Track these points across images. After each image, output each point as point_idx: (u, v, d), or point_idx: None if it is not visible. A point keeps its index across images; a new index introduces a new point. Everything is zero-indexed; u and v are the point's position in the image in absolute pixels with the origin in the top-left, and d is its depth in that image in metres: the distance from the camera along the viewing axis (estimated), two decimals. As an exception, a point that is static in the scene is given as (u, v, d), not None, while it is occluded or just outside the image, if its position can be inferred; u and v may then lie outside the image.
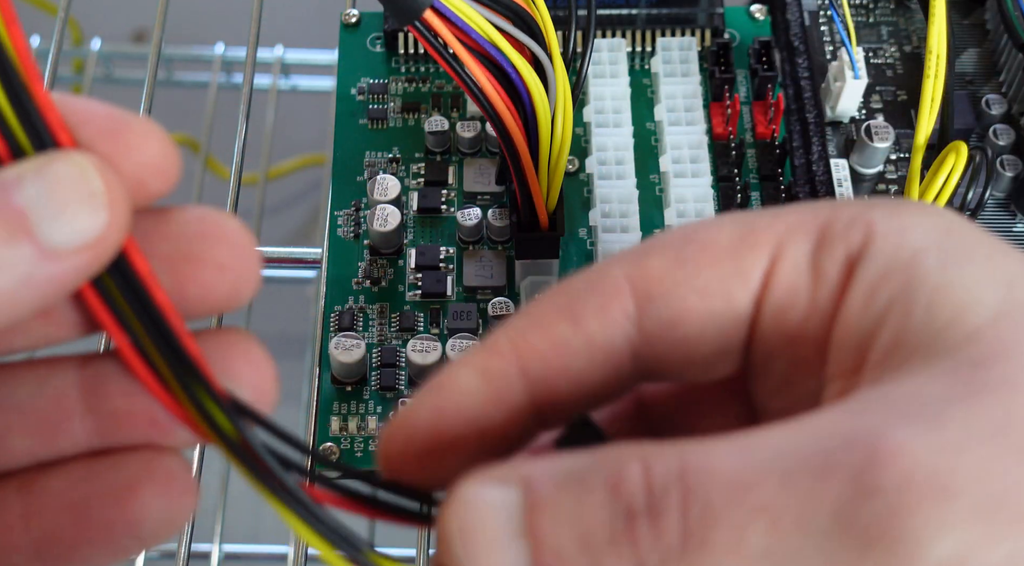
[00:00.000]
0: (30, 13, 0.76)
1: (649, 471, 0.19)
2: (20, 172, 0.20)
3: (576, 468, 0.20)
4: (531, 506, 0.20)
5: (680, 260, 0.22)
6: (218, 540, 0.59)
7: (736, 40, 0.43)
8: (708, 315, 0.22)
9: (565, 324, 0.22)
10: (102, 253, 0.20)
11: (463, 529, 0.20)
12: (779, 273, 0.22)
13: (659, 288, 0.22)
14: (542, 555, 0.19)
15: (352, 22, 0.44)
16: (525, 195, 0.36)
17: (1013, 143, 0.40)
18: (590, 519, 0.19)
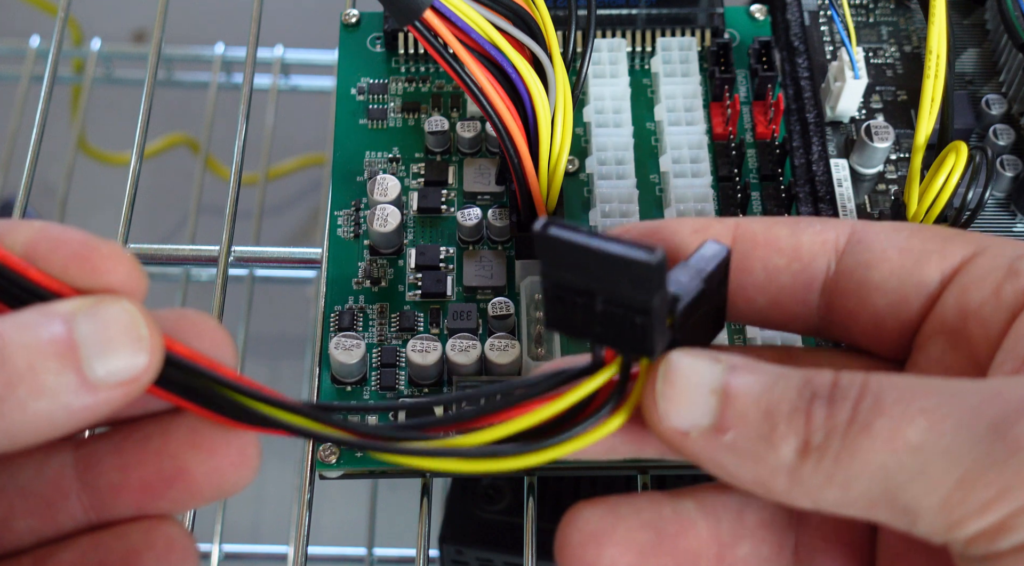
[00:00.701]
0: (30, 13, 0.76)
1: (838, 374, 0.22)
2: (74, 308, 0.22)
3: (778, 368, 0.23)
4: (733, 371, 0.23)
5: (898, 227, 0.26)
6: (218, 540, 0.59)
7: (736, 40, 0.43)
8: (898, 269, 0.25)
9: (786, 228, 0.26)
10: (137, 389, 0.23)
11: (669, 372, 0.23)
12: (978, 261, 0.25)
13: (873, 236, 0.26)
14: (727, 413, 0.23)
15: (352, 22, 0.44)
16: (525, 195, 0.36)
17: (1013, 143, 0.40)
18: (779, 395, 0.22)
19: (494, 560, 0.53)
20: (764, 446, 0.22)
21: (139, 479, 0.25)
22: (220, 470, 0.25)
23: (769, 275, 0.26)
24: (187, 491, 0.25)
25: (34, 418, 0.22)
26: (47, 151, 0.44)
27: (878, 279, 0.25)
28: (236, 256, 0.41)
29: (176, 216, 0.90)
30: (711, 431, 0.23)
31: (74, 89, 0.76)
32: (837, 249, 0.26)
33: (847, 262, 0.26)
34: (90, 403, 0.22)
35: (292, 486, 0.71)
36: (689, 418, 0.23)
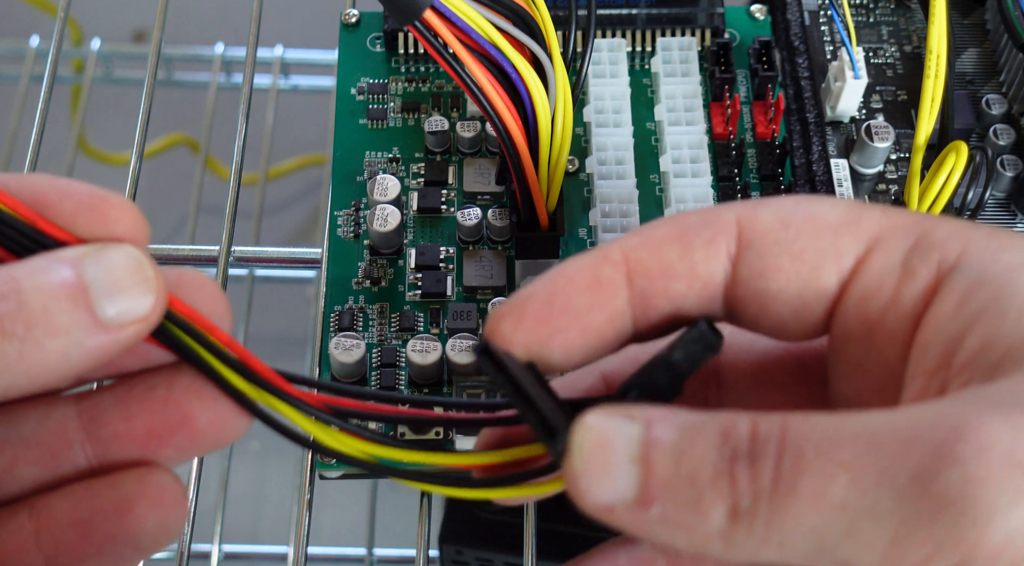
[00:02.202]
0: (30, 13, 0.76)
1: (756, 425, 0.22)
2: (82, 253, 0.24)
3: (694, 417, 0.22)
4: (649, 438, 0.22)
5: (786, 222, 0.24)
6: (218, 540, 0.59)
7: (736, 40, 0.43)
8: (794, 277, 0.24)
9: (675, 248, 0.25)
10: (145, 329, 0.24)
11: (585, 445, 0.23)
12: (871, 263, 0.24)
13: (761, 239, 0.24)
14: (650, 483, 0.22)
15: (352, 22, 0.44)
16: (525, 195, 0.36)
17: (1013, 143, 0.40)
18: (699, 457, 0.22)
19: (494, 560, 0.53)
20: (693, 515, 0.22)
21: (143, 427, 0.26)
22: (222, 417, 0.26)
23: (673, 302, 0.25)
24: (190, 438, 0.26)
25: (50, 356, 0.23)
26: (47, 151, 0.44)
27: (775, 289, 0.24)
28: (236, 256, 0.41)
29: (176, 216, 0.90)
30: (636, 504, 0.22)
31: (74, 89, 0.76)
32: (731, 256, 0.25)
33: (742, 272, 0.24)
34: (103, 341, 0.24)
35: (292, 486, 0.71)
36: (611, 493, 0.22)
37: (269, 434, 0.27)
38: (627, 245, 0.25)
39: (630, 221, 0.38)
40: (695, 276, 0.25)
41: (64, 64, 0.75)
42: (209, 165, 0.76)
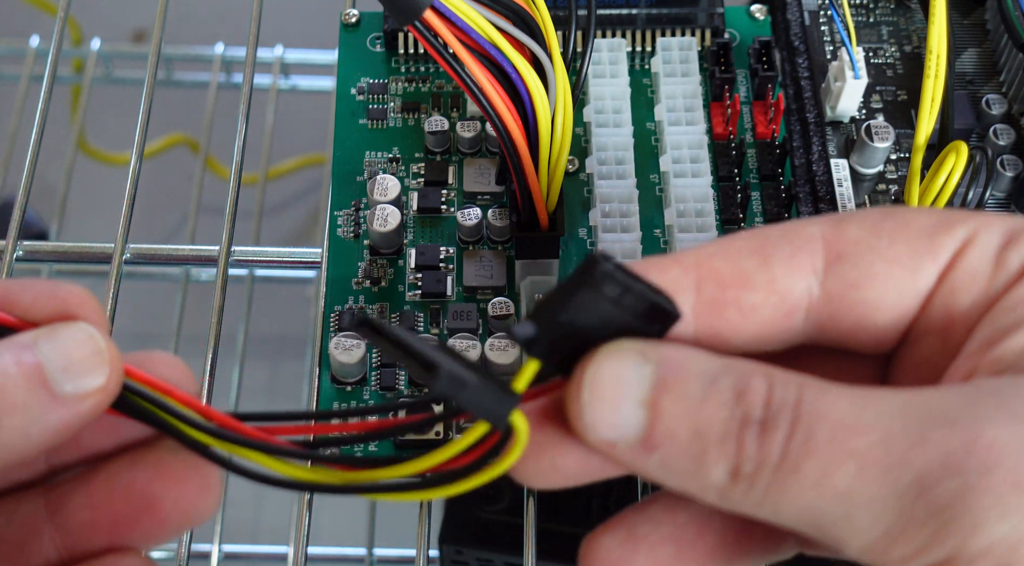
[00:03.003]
0: (30, 13, 0.76)
1: (772, 389, 0.21)
2: (35, 335, 0.25)
3: (710, 367, 0.22)
4: (661, 382, 0.22)
5: (877, 230, 0.24)
6: (218, 540, 0.59)
7: (736, 40, 0.43)
8: (892, 282, 0.24)
9: (754, 259, 0.24)
10: (104, 401, 0.25)
11: (594, 380, 0.22)
12: (967, 256, 0.24)
13: (852, 249, 0.24)
14: (656, 428, 0.22)
15: (352, 22, 0.44)
16: (525, 195, 0.36)
17: (1013, 143, 0.40)
18: (710, 413, 0.21)
19: (494, 560, 0.53)
20: (694, 466, 0.22)
21: (109, 515, 0.26)
22: (187, 499, 0.27)
23: (745, 314, 0.24)
24: (156, 522, 0.27)
25: (11, 434, 0.24)
26: (47, 151, 0.44)
27: (874, 297, 0.24)
28: (236, 256, 0.41)
29: (176, 216, 0.90)
30: (639, 445, 0.22)
31: (74, 89, 0.76)
32: (816, 271, 0.24)
33: (833, 285, 0.24)
34: (62, 415, 0.25)
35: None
36: (616, 431, 0.22)
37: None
38: (703, 252, 0.24)
39: (630, 221, 0.38)
40: (773, 289, 0.24)
41: (64, 64, 0.75)
42: (209, 165, 0.76)
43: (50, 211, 0.75)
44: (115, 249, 0.40)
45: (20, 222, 0.41)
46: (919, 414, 0.21)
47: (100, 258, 0.41)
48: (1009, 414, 0.21)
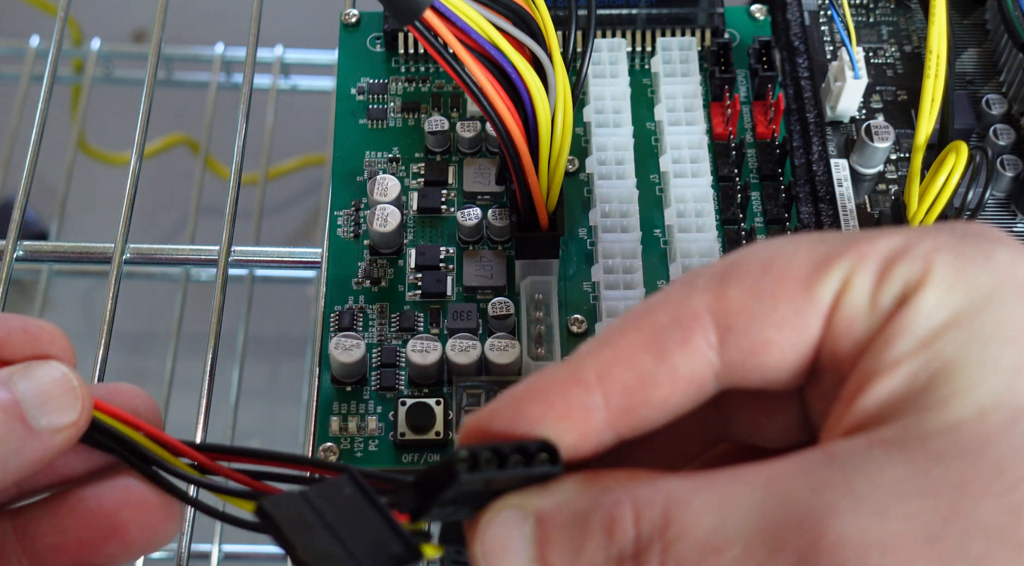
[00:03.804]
0: (30, 13, 0.76)
1: (639, 518, 0.23)
2: (11, 372, 0.27)
3: (580, 507, 0.23)
4: (541, 541, 0.24)
5: (757, 292, 0.24)
6: (218, 540, 0.59)
7: (736, 40, 0.43)
8: (785, 345, 0.24)
9: (650, 358, 0.24)
10: (75, 434, 0.27)
11: (487, 554, 0.24)
12: (844, 302, 0.24)
13: (738, 321, 0.24)
14: None
15: (352, 22, 0.44)
16: (525, 195, 0.36)
17: (1013, 143, 0.40)
18: (590, 558, 0.23)
19: (494, 560, 0.53)
20: None
21: (76, 538, 0.28)
22: (151, 523, 0.28)
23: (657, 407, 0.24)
24: (121, 546, 0.28)
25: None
26: (47, 151, 0.44)
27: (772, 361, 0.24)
28: (236, 256, 0.41)
29: (176, 216, 0.90)
30: None
31: (74, 89, 0.76)
32: (712, 346, 0.24)
33: (730, 356, 0.24)
34: (37, 448, 0.26)
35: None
36: None
37: (269, 434, 0.28)
38: (598, 361, 0.24)
39: (630, 221, 0.38)
40: (677, 379, 0.24)
41: (64, 64, 0.75)
42: (209, 165, 0.76)
43: (50, 211, 0.75)
44: (115, 249, 0.40)
45: (20, 222, 0.41)
46: (773, 511, 0.22)
47: (100, 258, 0.41)
48: (851, 499, 0.21)
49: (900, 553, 0.21)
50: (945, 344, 0.22)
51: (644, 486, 0.23)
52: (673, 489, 0.23)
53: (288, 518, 0.24)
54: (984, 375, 0.22)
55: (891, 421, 0.22)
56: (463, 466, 0.23)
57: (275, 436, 0.78)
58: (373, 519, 0.24)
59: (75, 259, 0.41)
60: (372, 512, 0.24)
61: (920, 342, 0.23)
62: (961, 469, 0.21)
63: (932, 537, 0.21)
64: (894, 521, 0.21)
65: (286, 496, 0.24)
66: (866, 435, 0.22)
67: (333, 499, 0.24)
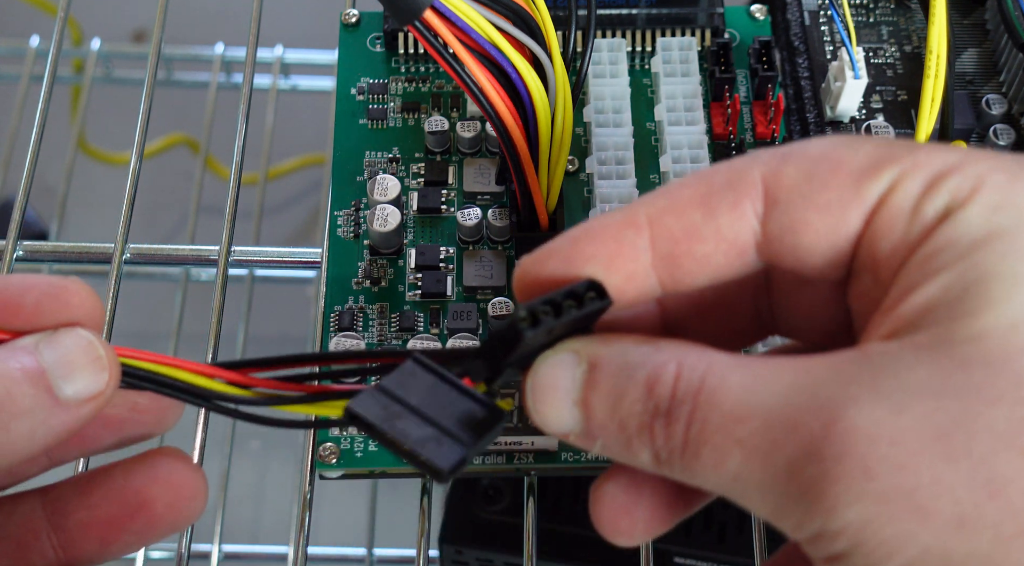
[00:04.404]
0: (30, 13, 0.76)
1: (678, 379, 0.24)
2: (36, 340, 0.26)
3: (631, 359, 0.25)
4: (589, 382, 0.25)
5: (811, 175, 0.25)
6: (218, 540, 0.59)
7: (736, 40, 0.43)
8: (823, 229, 0.25)
9: (699, 213, 0.25)
10: (101, 404, 0.27)
11: (536, 388, 0.25)
12: (889, 202, 0.24)
13: (786, 197, 0.25)
14: (591, 423, 0.25)
15: (352, 22, 0.44)
16: (525, 195, 0.36)
17: (1013, 143, 0.40)
18: (628, 408, 0.24)
19: (494, 560, 0.53)
20: (627, 452, 0.25)
21: (105, 515, 0.28)
22: (178, 502, 0.29)
23: (699, 263, 0.26)
24: (149, 523, 0.29)
25: (17, 437, 0.25)
26: (47, 151, 0.44)
27: (807, 243, 0.25)
28: (236, 256, 0.41)
29: (176, 216, 0.90)
30: (584, 436, 0.25)
31: (74, 89, 0.76)
32: (758, 215, 0.25)
33: (771, 229, 0.25)
34: (63, 419, 0.26)
35: (292, 486, 0.71)
36: (561, 426, 0.25)
37: (269, 434, 0.28)
38: (652, 208, 0.26)
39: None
40: (721, 238, 0.25)
41: (64, 64, 0.75)
42: (209, 165, 0.76)
43: (50, 211, 0.75)
44: (115, 249, 0.40)
45: (20, 222, 0.41)
46: (797, 396, 0.23)
47: (100, 258, 0.41)
48: (872, 393, 0.22)
49: (907, 446, 0.22)
50: (984, 256, 0.23)
51: (692, 353, 0.24)
52: (716, 361, 0.24)
53: (377, 414, 0.25)
54: (1018, 290, 0.22)
55: (926, 327, 0.23)
56: (524, 324, 0.24)
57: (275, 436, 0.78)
58: (451, 394, 0.25)
59: (75, 259, 0.41)
60: (447, 388, 0.26)
61: (960, 253, 0.23)
62: (982, 376, 0.22)
63: (941, 435, 0.22)
64: (908, 417, 0.22)
65: (366, 393, 0.25)
66: (900, 339, 0.23)
67: (408, 385, 0.25)
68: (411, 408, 0.25)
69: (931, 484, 0.22)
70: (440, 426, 0.25)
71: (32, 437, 0.26)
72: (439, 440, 0.25)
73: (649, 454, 0.24)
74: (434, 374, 0.26)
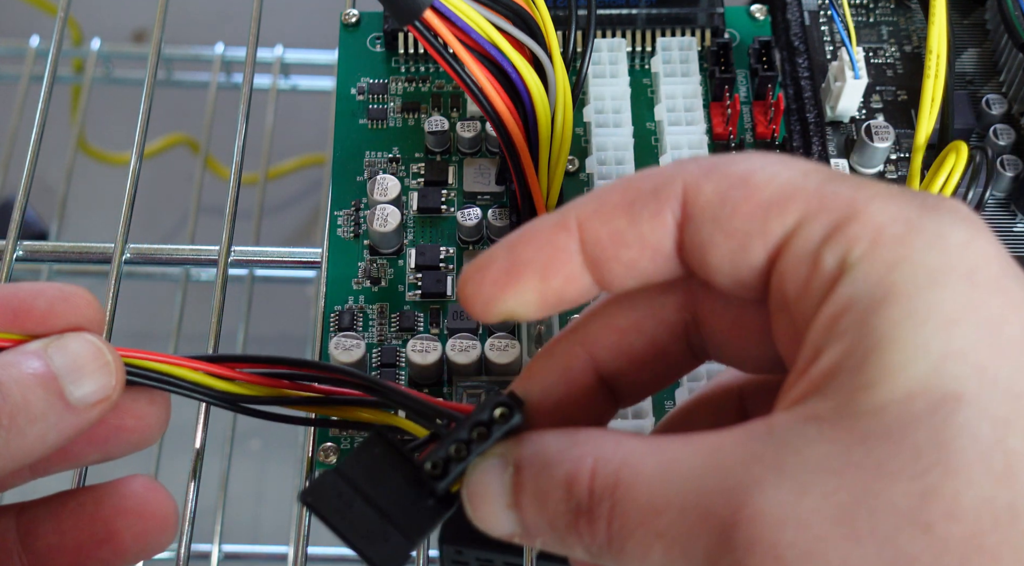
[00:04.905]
0: (30, 13, 0.76)
1: (594, 476, 0.24)
2: (44, 344, 0.27)
3: (549, 456, 0.25)
4: (515, 487, 0.25)
5: (724, 197, 0.25)
6: (218, 540, 0.59)
7: (736, 40, 0.43)
8: (727, 253, 0.25)
9: (624, 219, 0.26)
10: (108, 407, 0.27)
11: (471, 496, 0.26)
12: (791, 246, 0.24)
13: (700, 214, 0.25)
14: (527, 525, 0.25)
15: (352, 22, 0.44)
16: (525, 195, 0.36)
17: (1013, 143, 0.40)
18: (554, 508, 0.25)
19: (494, 560, 0.53)
20: (564, 549, 0.25)
21: (74, 541, 0.29)
22: (145, 533, 0.29)
23: (627, 267, 0.26)
24: (115, 553, 0.29)
25: (31, 441, 0.26)
26: (47, 151, 0.44)
27: (714, 262, 0.25)
28: (236, 256, 0.41)
29: (176, 216, 0.90)
30: (524, 536, 0.26)
31: (74, 89, 0.77)
32: (678, 223, 0.26)
33: (686, 240, 0.26)
34: (73, 422, 0.27)
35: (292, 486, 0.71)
36: (503, 530, 0.26)
37: (269, 434, 0.28)
38: (581, 212, 0.26)
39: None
40: (645, 244, 0.26)
41: (64, 64, 0.75)
42: (209, 165, 0.76)
43: (50, 211, 0.75)
44: (115, 249, 0.40)
45: (20, 222, 0.41)
46: (707, 480, 0.23)
47: (100, 258, 0.41)
48: (776, 474, 0.22)
49: (813, 530, 0.21)
50: (880, 321, 0.22)
51: (607, 445, 0.25)
52: (631, 451, 0.24)
53: (330, 504, 0.26)
54: (914, 358, 0.22)
55: (828, 396, 0.23)
56: (434, 477, 0.26)
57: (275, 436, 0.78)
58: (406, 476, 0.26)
59: (75, 259, 0.41)
60: (404, 469, 0.26)
61: (858, 317, 0.23)
62: (881, 451, 0.22)
63: (844, 515, 0.22)
64: (811, 498, 0.22)
65: (322, 480, 0.26)
66: (804, 407, 0.23)
67: (366, 464, 0.26)
68: (363, 493, 0.26)
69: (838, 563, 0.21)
70: (387, 516, 0.26)
71: (44, 440, 0.26)
72: (385, 534, 0.26)
73: (582, 550, 0.25)
74: (394, 451, 0.26)
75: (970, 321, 0.22)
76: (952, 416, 0.22)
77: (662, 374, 0.28)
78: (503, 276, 0.26)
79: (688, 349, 0.28)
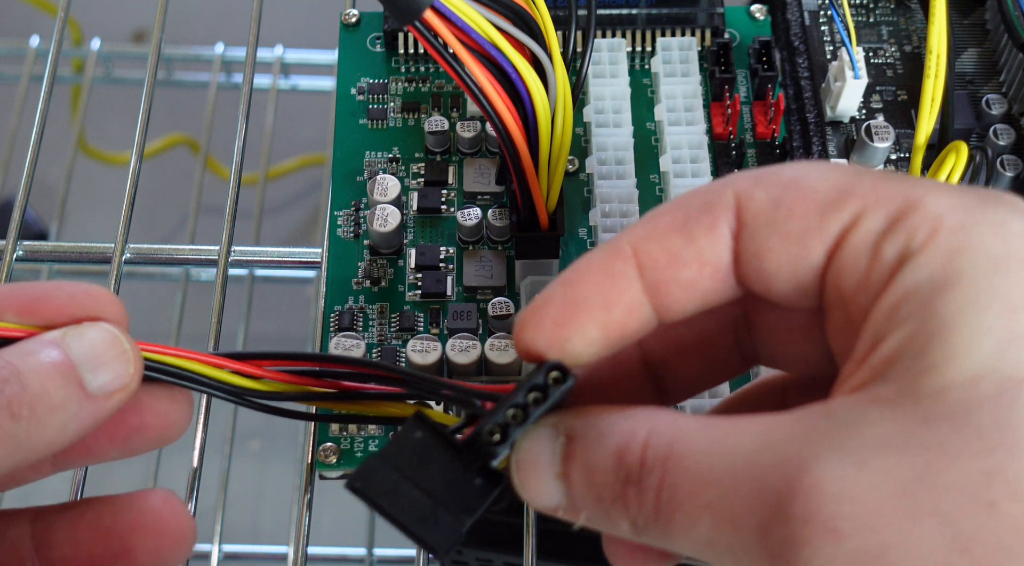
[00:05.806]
0: (30, 13, 0.76)
1: (647, 446, 0.24)
2: (62, 333, 0.27)
3: (602, 428, 0.25)
4: (566, 456, 0.25)
5: (778, 201, 0.25)
6: (218, 540, 0.59)
7: (736, 40, 0.43)
8: (785, 257, 0.25)
9: (679, 238, 0.26)
10: (128, 395, 0.27)
11: (520, 464, 0.26)
12: (849, 240, 0.24)
13: (754, 220, 0.25)
14: (573, 497, 0.25)
15: (352, 22, 0.44)
16: (525, 195, 0.36)
17: (1013, 143, 0.40)
18: (602, 478, 0.25)
19: (494, 560, 0.53)
20: (608, 522, 0.25)
21: (87, 555, 0.29)
22: (160, 550, 0.29)
23: (686, 289, 0.26)
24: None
25: (52, 431, 0.26)
26: (47, 151, 0.44)
27: (772, 268, 0.25)
28: (236, 256, 0.41)
29: (176, 216, 0.90)
30: (570, 509, 0.26)
31: (74, 89, 0.77)
32: (734, 235, 0.25)
33: (741, 252, 0.25)
34: (92, 411, 0.26)
35: (292, 486, 0.71)
36: (549, 501, 0.26)
37: (269, 434, 0.28)
38: (634, 237, 0.26)
39: (630, 221, 0.38)
40: (704, 262, 0.25)
41: (64, 64, 0.75)
42: (209, 165, 0.76)
43: (50, 211, 0.75)
44: (115, 249, 0.40)
45: (20, 222, 0.41)
46: (761, 455, 0.23)
47: (100, 258, 0.41)
48: (835, 449, 0.22)
49: (871, 504, 0.21)
50: (944, 305, 0.23)
51: (660, 419, 0.25)
52: (683, 425, 0.24)
53: (379, 489, 0.25)
54: (979, 341, 0.22)
55: (892, 380, 0.23)
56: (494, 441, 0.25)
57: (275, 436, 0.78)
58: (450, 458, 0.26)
59: (75, 259, 0.41)
60: (447, 450, 0.26)
61: (921, 302, 0.23)
62: (944, 430, 0.22)
63: (905, 492, 0.21)
64: (871, 473, 0.22)
65: (367, 463, 0.26)
66: (865, 392, 0.23)
67: (407, 448, 0.26)
68: (410, 477, 0.26)
69: (901, 544, 0.21)
70: (437, 498, 0.26)
71: (64, 430, 0.26)
72: (436, 516, 0.26)
73: (627, 523, 0.25)
74: (434, 434, 0.26)
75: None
76: (1017, 400, 0.22)
77: (709, 370, 0.28)
78: (563, 313, 0.25)
79: (737, 346, 0.28)
